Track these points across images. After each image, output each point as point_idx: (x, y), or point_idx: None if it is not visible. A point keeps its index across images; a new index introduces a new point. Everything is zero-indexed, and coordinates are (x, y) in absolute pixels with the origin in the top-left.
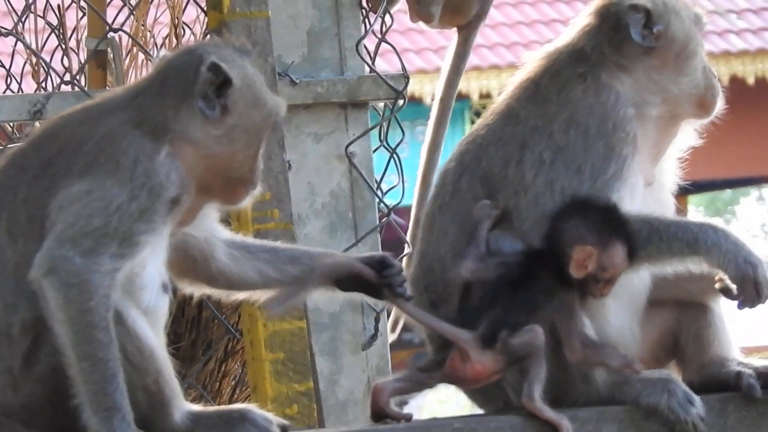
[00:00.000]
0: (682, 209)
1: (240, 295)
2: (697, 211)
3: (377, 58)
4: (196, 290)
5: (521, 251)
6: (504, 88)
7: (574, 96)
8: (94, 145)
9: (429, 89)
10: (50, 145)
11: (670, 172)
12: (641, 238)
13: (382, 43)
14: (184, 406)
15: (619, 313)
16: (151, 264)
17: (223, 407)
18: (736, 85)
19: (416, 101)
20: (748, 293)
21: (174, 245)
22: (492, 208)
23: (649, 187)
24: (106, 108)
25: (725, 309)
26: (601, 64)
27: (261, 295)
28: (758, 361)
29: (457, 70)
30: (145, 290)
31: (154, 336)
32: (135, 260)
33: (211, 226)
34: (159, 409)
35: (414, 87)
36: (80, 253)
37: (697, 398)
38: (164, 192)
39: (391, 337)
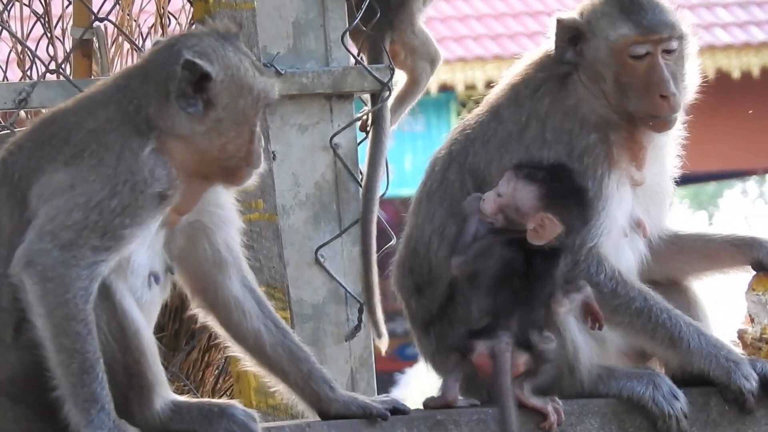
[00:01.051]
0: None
1: (230, 345)
2: (681, 204)
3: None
4: (202, 314)
5: (488, 235)
6: (504, 74)
7: (542, 107)
8: (82, 138)
9: None
10: (44, 130)
11: (663, 166)
12: (633, 308)
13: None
14: (167, 395)
15: None
16: (140, 254)
17: (206, 401)
18: (720, 78)
19: None
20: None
21: (192, 254)
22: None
23: (640, 188)
24: (97, 100)
25: (707, 298)
26: (568, 74)
27: (244, 359)
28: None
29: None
30: (131, 277)
31: (141, 316)
32: (122, 252)
33: (234, 244)
34: (139, 393)
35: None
36: (59, 246)
37: (681, 393)
38: (147, 188)
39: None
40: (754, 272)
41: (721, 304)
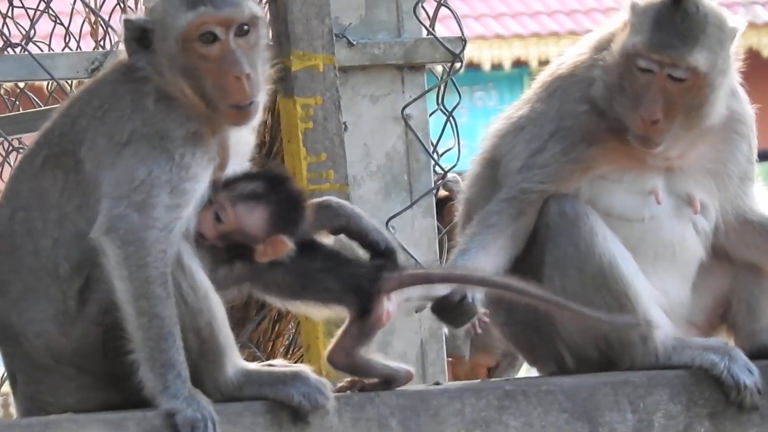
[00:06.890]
0: None
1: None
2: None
3: (436, 24)
4: None
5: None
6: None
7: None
8: (102, 92)
9: (487, 55)
10: (74, 97)
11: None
12: None
13: (442, 8)
14: (238, 362)
15: (667, 277)
16: (190, 218)
17: (276, 368)
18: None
19: (474, 67)
20: None
21: None
22: None
23: (683, 170)
24: (113, 64)
25: None
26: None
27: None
28: None
29: None
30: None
31: (207, 279)
32: (188, 211)
33: None
34: (212, 359)
35: (473, 53)
36: (136, 209)
37: (755, 368)
38: (175, 132)
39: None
40: None
41: None
